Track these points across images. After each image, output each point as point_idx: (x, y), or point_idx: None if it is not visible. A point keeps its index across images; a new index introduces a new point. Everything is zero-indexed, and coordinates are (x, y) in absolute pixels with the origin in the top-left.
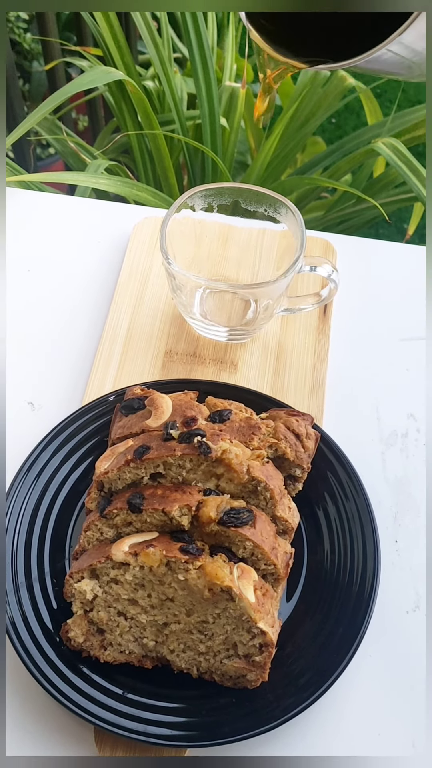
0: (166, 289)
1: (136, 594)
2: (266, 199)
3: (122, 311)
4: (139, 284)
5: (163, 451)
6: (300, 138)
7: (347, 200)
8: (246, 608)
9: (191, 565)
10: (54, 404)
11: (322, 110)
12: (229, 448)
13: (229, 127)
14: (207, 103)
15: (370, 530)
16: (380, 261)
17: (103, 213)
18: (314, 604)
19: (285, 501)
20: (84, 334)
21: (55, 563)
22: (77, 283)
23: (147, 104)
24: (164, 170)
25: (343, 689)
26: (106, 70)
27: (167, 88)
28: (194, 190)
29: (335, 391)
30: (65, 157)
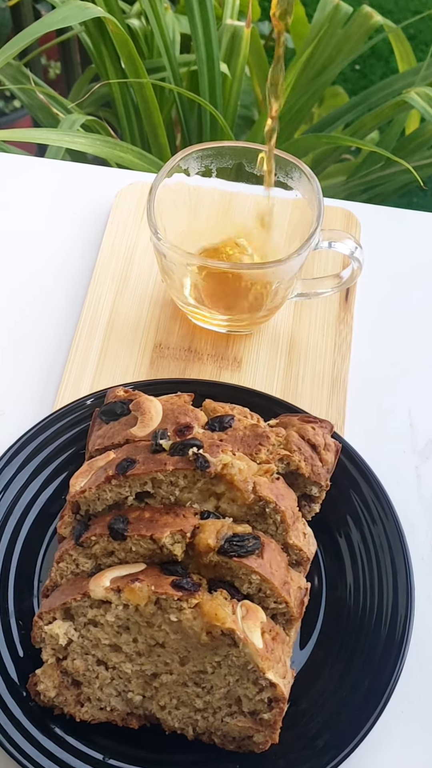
0: (154, 269)
1: (119, 639)
2: (276, 161)
3: (102, 296)
4: (122, 264)
5: (152, 465)
6: (316, 88)
7: (374, 163)
8: (252, 655)
9: (185, 603)
10: (19, 409)
11: (343, 55)
12: (231, 462)
13: (230, 75)
14: (204, 45)
15: (402, 561)
16: (413, 235)
17: (79, 178)
18: (334, 650)
19: (299, 526)
20: (56, 324)
21: (21, 602)
22: (47, 261)
23: (132, 47)
24: (153, 127)
25: (369, 754)
26: (81, 5)
27: (156, 27)
28: (189, 150)
29: (359, 392)
30: (33, 111)
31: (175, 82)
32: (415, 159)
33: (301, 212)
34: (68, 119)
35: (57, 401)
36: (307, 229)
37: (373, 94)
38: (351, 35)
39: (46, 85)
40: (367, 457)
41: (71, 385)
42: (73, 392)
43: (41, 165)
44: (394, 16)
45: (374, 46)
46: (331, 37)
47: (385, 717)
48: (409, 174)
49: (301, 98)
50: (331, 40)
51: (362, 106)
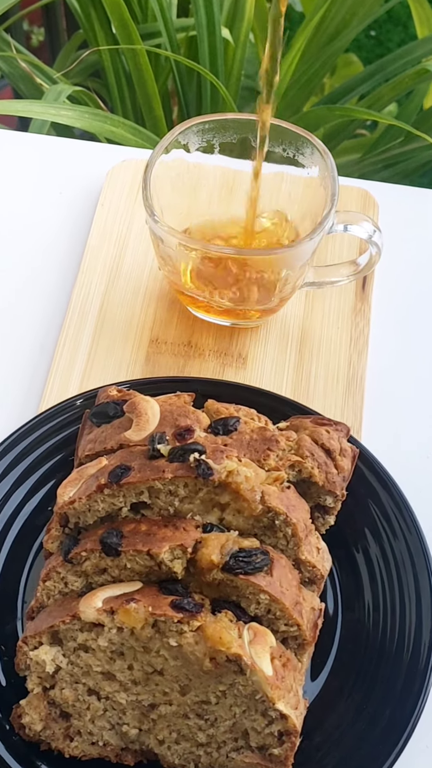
0: (150, 255)
1: (112, 665)
2: (286, 135)
3: (92, 285)
4: (114, 249)
5: (149, 472)
6: (328, 56)
7: (392, 138)
8: (260, 684)
9: (186, 626)
10: (1, 411)
11: (358, 19)
12: (236, 469)
13: (233, 41)
14: (204, 8)
15: (427, 579)
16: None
17: (65, 155)
18: (351, 678)
19: (312, 540)
20: (41, 317)
21: (4, 625)
22: (32, 247)
23: (124, 10)
24: (147, 98)
25: None
26: None
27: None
28: (188, 123)
29: (378, 392)
30: (14, 81)
31: (172, 48)
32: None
33: (313, 192)
34: (53, 90)
35: (42, 402)
36: (320, 211)
37: (391, 63)
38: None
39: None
40: (387, 464)
41: (58, 384)
42: (61, 392)
43: (24, 140)
44: None
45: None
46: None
47: (408, 751)
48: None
49: (311, 67)
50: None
51: (379, 76)
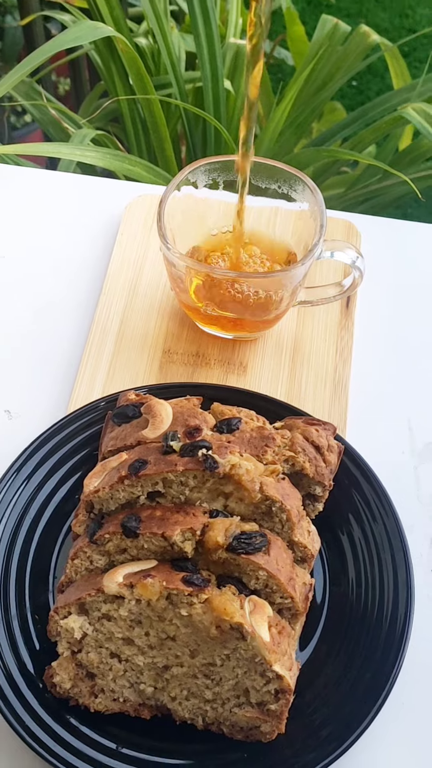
0: (163, 278)
1: (131, 632)
2: (280, 173)
3: (113, 304)
4: (132, 273)
5: (163, 466)
6: (316, 104)
7: (371, 176)
8: (259, 648)
9: (196, 598)
10: (35, 412)
11: (342, 72)
12: (238, 463)
13: (234, 91)
14: (209, 63)
15: (402, 558)
16: (412, 245)
17: (89, 190)
18: (338, 643)
19: (303, 524)
20: (69, 332)
21: (37, 597)
22: (60, 271)
23: (140, 64)
24: (160, 141)
25: (372, 742)
26: (92, 24)
27: (163, 45)
28: (197, 164)
29: (360, 396)
30: (45, 126)
31: (181, 97)
32: (410, 172)
33: (304, 223)
34: (79, 134)
35: (71, 404)
36: (310, 240)
37: (371, 110)
38: (349, 53)
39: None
40: (368, 458)
41: (84, 389)
42: (86, 396)
43: (53, 178)
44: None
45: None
46: (330, 54)
47: (387, 708)
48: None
49: (301, 113)
50: (330, 57)
51: (360, 122)
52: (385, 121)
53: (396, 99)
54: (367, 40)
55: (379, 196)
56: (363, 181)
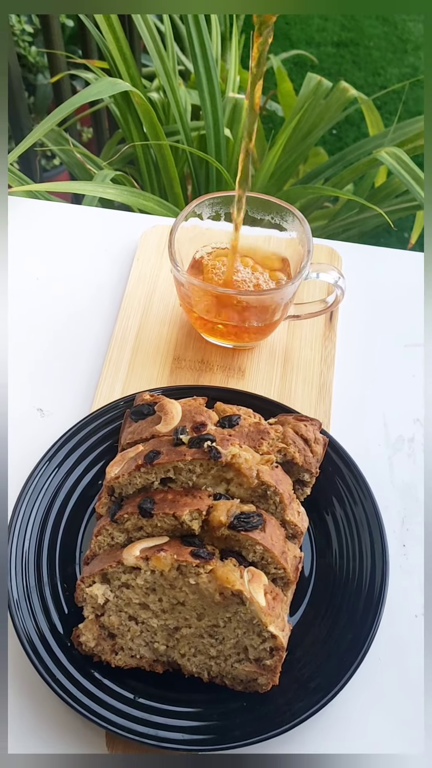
0: (173, 296)
1: (147, 598)
2: (273, 207)
3: (131, 318)
4: (147, 291)
5: (174, 455)
6: (303, 149)
7: (350, 210)
8: (257, 612)
9: (202, 569)
10: (64, 411)
11: (325, 121)
12: (238, 453)
13: (232, 138)
14: (211, 114)
15: (378, 534)
16: (385, 268)
17: (109, 222)
18: (323, 608)
19: (294, 505)
20: (93, 341)
21: (66, 568)
22: (86, 290)
23: (153, 115)
24: (170, 180)
25: (353, 694)
26: (112, 81)
27: (172, 99)
28: (202, 199)
29: (342, 396)
30: (71, 168)
31: (188, 143)
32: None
33: (293, 249)
34: (100, 174)
35: (94, 404)
36: (298, 263)
37: (349, 153)
38: (331, 106)
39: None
40: (349, 450)
41: (106, 391)
42: (108, 396)
43: (79, 211)
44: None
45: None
46: (314, 107)
47: (366, 663)
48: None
49: (290, 157)
50: (314, 109)
51: (340, 164)
52: (362, 163)
53: (371, 144)
54: (346, 95)
55: (356, 227)
56: (343, 214)
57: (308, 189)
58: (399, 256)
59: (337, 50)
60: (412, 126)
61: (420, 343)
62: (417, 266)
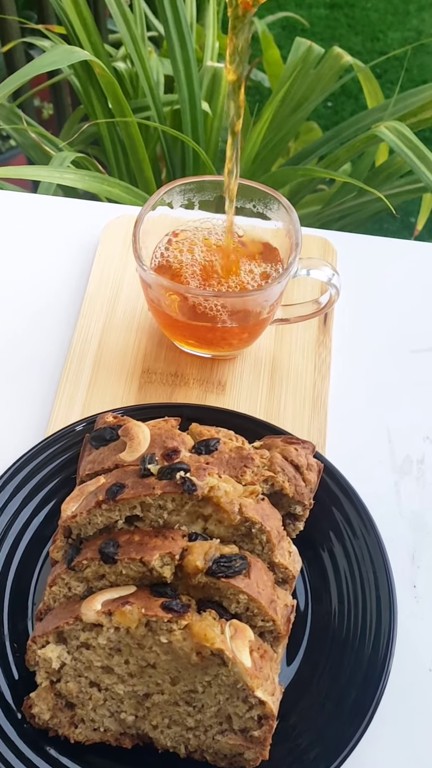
0: (141, 299)
1: (111, 660)
2: (255, 193)
3: (92, 325)
4: (110, 294)
5: (141, 489)
6: (292, 124)
7: (347, 193)
8: (241, 674)
9: (175, 624)
10: (12, 436)
11: (317, 93)
12: (217, 485)
13: (211, 113)
14: (186, 86)
15: (384, 574)
16: (387, 261)
17: (69, 212)
18: (321, 665)
19: (284, 544)
20: (47, 353)
21: (16, 624)
22: (39, 292)
23: (117, 88)
24: (139, 163)
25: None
26: (69, 49)
27: (141, 69)
28: (172, 185)
29: (339, 412)
30: (26, 150)
31: (160, 120)
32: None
33: (279, 241)
34: (59, 157)
35: (49, 427)
36: (286, 258)
37: (345, 129)
38: (323, 75)
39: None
40: (348, 475)
41: (62, 412)
42: (65, 419)
43: (34, 201)
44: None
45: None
46: (305, 76)
47: (373, 728)
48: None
49: (278, 133)
50: (304, 79)
51: (335, 141)
52: (360, 140)
53: (370, 118)
54: (340, 62)
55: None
56: (339, 198)
57: (298, 170)
58: (404, 246)
59: (331, 12)
60: (416, 97)
61: (429, 348)
62: (425, 258)
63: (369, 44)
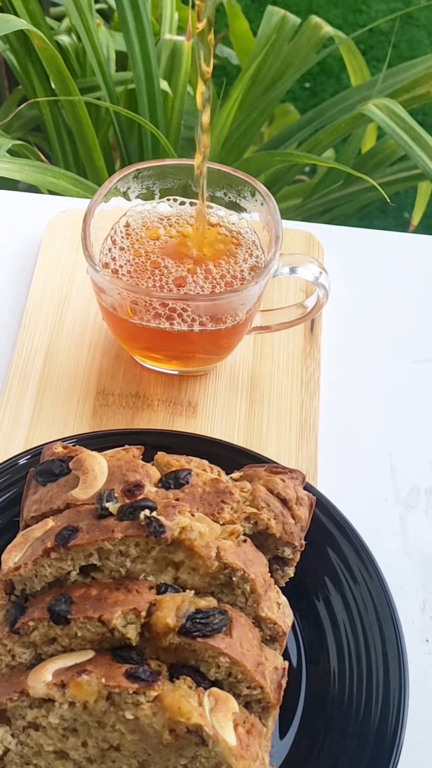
0: (94, 305)
1: (65, 743)
2: (227, 179)
3: (35, 339)
4: (56, 301)
5: (97, 533)
6: (265, 105)
7: (331, 183)
8: (224, 755)
9: (143, 696)
10: None
11: (293, 69)
12: (189, 525)
13: (171, 92)
14: (142, 61)
15: (391, 626)
16: (382, 257)
17: (6, 206)
18: (320, 739)
19: (272, 595)
20: None
21: None
22: None
23: (61, 63)
24: (88, 150)
25: None
26: (1, 17)
27: (88, 43)
28: (127, 170)
29: (331, 435)
30: None
31: (112, 101)
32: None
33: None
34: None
35: None
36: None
37: (327, 110)
38: (300, 48)
39: None
40: (345, 509)
41: (1, 443)
42: (5, 451)
43: None
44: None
45: (324, 63)
46: (279, 50)
47: None
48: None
49: (249, 116)
50: (279, 53)
51: (316, 123)
52: (345, 120)
53: (355, 97)
54: (319, 33)
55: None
56: (322, 189)
57: (275, 156)
58: (401, 240)
59: None
60: (407, 72)
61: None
62: (424, 252)
63: (351, 17)
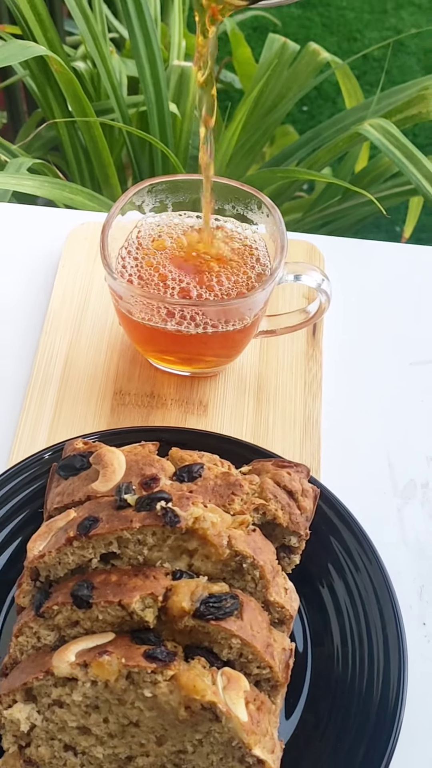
0: (111, 311)
1: (88, 720)
2: (235, 193)
3: (56, 343)
4: (75, 309)
5: (116, 523)
6: (267, 127)
7: (329, 198)
8: (236, 730)
9: (160, 675)
10: None
11: (293, 92)
12: (202, 515)
13: (180, 114)
14: (152, 86)
15: (391, 610)
16: (380, 266)
17: (28, 220)
18: (324, 716)
19: (279, 580)
20: (8, 376)
21: None
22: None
23: (78, 86)
24: (103, 168)
25: None
26: (23, 44)
27: (102, 69)
28: (142, 185)
29: (333, 432)
30: None
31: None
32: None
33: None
34: (14, 163)
35: (11, 457)
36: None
37: (325, 130)
38: (299, 73)
39: None
40: (346, 501)
41: (26, 440)
42: (29, 447)
43: None
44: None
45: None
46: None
47: None
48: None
49: (252, 136)
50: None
51: (314, 142)
52: (342, 139)
53: (351, 118)
54: (317, 59)
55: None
56: (321, 204)
57: (277, 172)
58: (396, 250)
59: (304, 12)
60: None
61: (430, 360)
62: (418, 261)
63: (346, 44)
